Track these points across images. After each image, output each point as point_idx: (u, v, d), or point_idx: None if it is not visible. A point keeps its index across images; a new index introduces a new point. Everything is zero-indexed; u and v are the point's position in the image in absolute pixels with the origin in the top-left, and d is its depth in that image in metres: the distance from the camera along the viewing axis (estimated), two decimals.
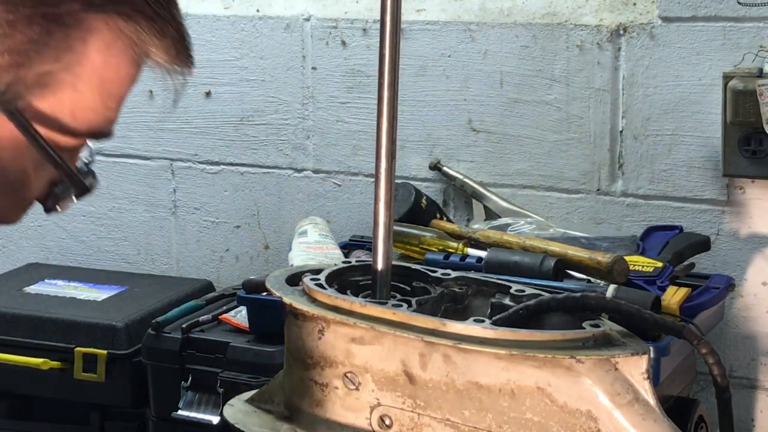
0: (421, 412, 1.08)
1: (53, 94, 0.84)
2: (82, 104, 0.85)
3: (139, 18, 0.85)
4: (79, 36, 0.83)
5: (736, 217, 2.19)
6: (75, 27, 0.82)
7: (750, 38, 2.11)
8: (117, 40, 0.85)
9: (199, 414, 2.09)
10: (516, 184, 2.36)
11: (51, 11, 0.81)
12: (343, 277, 1.19)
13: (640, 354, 1.03)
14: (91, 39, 0.83)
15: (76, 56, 0.83)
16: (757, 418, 2.23)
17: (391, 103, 1.13)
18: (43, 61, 0.82)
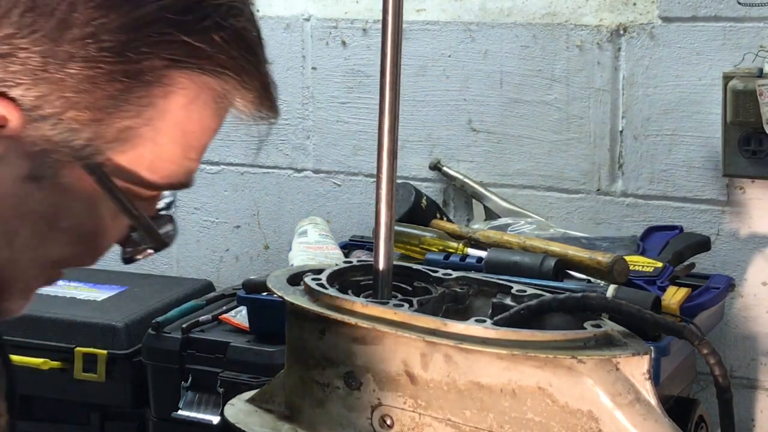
0: (422, 412, 1.08)
1: (133, 148, 0.84)
2: (162, 157, 0.85)
3: (223, 74, 0.84)
4: (161, 92, 0.83)
5: (736, 217, 2.19)
6: (156, 83, 0.82)
7: (750, 38, 2.11)
8: (200, 94, 0.85)
9: (199, 414, 2.09)
10: (516, 184, 2.36)
11: (132, 68, 0.81)
12: (344, 277, 1.19)
13: (642, 354, 1.03)
14: (174, 94, 0.83)
15: (157, 111, 0.83)
16: (757, 418, 2.23)
17: (393, 103, 1.13)
18: (123, 117, 0.82)
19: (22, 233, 0.85)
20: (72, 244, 0.87)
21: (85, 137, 0.81)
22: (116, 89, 0.80)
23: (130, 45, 0.80)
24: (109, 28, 0.79)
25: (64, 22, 0.78)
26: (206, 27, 0.82)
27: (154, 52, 0.81)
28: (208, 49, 0.83)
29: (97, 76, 0.80)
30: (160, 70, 0.82)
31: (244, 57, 0.85)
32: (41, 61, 0.79)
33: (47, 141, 0.81)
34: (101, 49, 0.79)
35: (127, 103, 0.81)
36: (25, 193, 0.83)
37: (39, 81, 0.79)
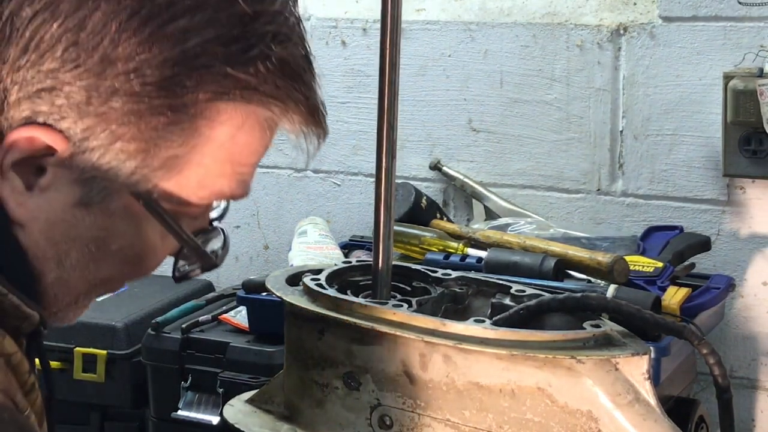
0: (421, 412, 1.08)
1: (180, 173, 0.85)
2: (210, 175, 0.86)
3: (269, 103, 0.85)
4: (206, 122, 0.83)
5: (736, 217, 2.18)
6: (201, 116, 0.83)
7: (750, 38, 2.11)
8: (247, 120, 0.85)
9: (198, 414, 2.09)
10: (516, 184, 2.36)
11: (177, 102, 0.82)
12: (343, 277, 1.19)
13: (641, 354, 1.03)
14: (219, 124, 0.84)
15: (202, 139, 0.84)
16: (757, 419, 2.23)
17: (392, 103, 1.12)
18: (169, 147, 0.83)
19: (72, 255, 0.87)
20: (121, 264, 0.89)
21: (132, 166, 0.83)
22: (161, 122, 0.82)
23: (174, 79, 0.81)
24: (153, 63, 0.80)
25: (107, 57, 0.80)
26: (251, 57, 0.83)
27: (199, 86, 0.82)
28: (253, 81, 0.83)
29: (141, 110, 0.81)
30: (204, 102, 0.82)
31: (290, 85, 0.85)
32: (85, 96, 0.80)
33: (95, 169, 0.82)
34: (145, 84, 0.80)
35: (172, 134, 0.83)
36: (75, 218, 0.85)
37: (84, 114, 0.81)
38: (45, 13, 0.80)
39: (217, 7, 0.82)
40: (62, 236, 0.86)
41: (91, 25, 0.79)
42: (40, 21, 0.80)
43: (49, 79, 0.80)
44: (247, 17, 0.83)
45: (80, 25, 0.79)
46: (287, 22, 0.86)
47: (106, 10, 0.79)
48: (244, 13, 0.82)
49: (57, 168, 0.83)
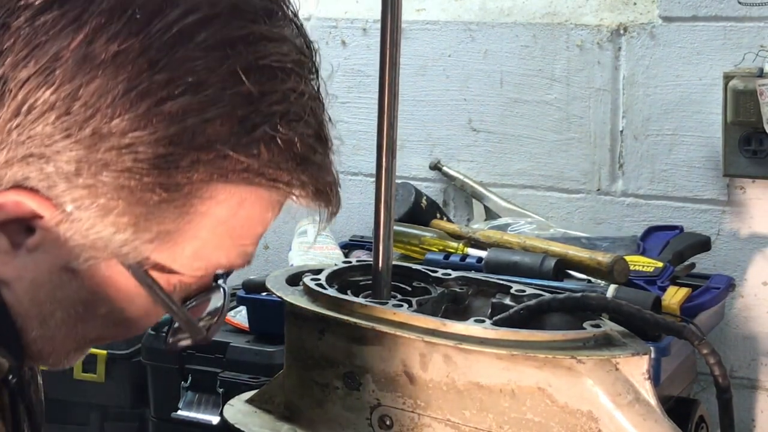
0: (421, 412, 1.08)
1: (174, 246, 0.81)
2: (207, 247, 0.82)
3: (272, 186, 0.81)
4: (202, 200, 0.79)
5: (736, 217, 2.18)
6: (197, 195, 0.79)
7: (750, 38, 2.11)
8: (248, 198, 0.81)
9: (198, 414, 2.09)
10: (516, 184, 2.36)
11: (171, 181, 0.78)
12: (343, 277, 1.19)
13: (641, 354, 1.02)
14: (216, 202, 0.80)
15: (197, 216, 0.80)
16: (757, 419, 2.23)
17: (392, 103, 1.12)
18: (162, 223, 0.79)
19: (57, 315, 0.84)
20: (111, 326, 0.87)
21: (122, 239, 0.79)
22: (153, 199, 0.78)
23: (168, 158, 0.77)
24: (147, 141, 0.76)
25: (100, 130, 0.76)
26: (255, 139, 0.78)
27: (195, 167, 0.77)
28: (254, 164, 0.79)
29: (132, 186, 0.77)
30: (200, 183, 0.78)
31: (295, 168, 0.80)
32: (75, 167, 0.77)
33: (84, 238, 0.79)
34: (137, 160, 0.76)
35: (165, 211, 0.79)
36: (62, 281, 0.82)
37: (73, 185, 0.77)
38: (39, 78, 0.76)
39: (222, 85, 0.77)
40: (47, 297, 0.83)
41: (85, 95, 0.76)
42: (34, 85, 0.76)
43: (39, 146, 0.76)
44: (254, 96, 0.78)
45: (74, 95, 0.76)
46: (300, 99, 0.80)
47: (102, 81, 0.75)
48: (249, 92, 0.78)
49: (45, 231, 0.80)
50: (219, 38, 0.78)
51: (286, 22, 0.82)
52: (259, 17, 0.80)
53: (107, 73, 0.76)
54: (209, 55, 0.77)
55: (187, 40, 0.77)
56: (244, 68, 0.77)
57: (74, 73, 0.76)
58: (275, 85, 0.79)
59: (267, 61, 0.79)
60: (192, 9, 0.77)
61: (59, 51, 0.76)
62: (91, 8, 0.76)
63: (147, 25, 0.76)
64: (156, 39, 0.76)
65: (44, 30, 0.76)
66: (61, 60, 0.76)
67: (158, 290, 0.83)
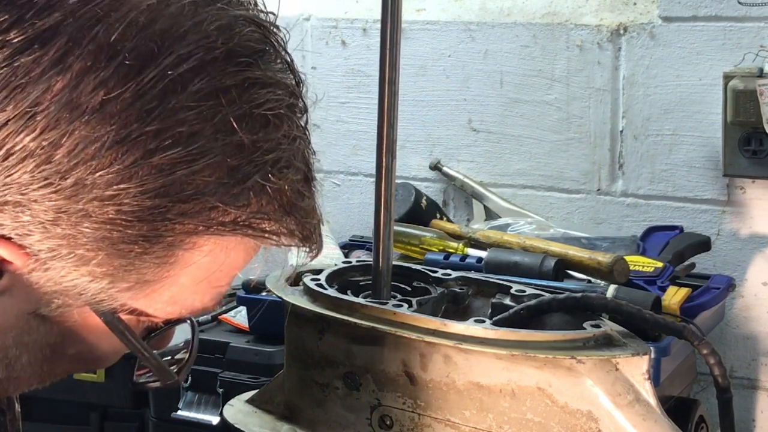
0: (421, 412, 1.08)
1: (150, 293, 0.78)
2: (183, 293, 0.79)
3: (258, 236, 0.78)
4: (185, 252, 0.77)
5: (736, 217, 2.18)
6: (180, 246, 0.76)
7: (750, 38, 2.11)
8: (232, 247, 0.78)
9: (198, 414, 2.09)
10: (516, 184, 2.36)
11: (154, 234, 0.74)
12: (343, 277, 1.19)
13: (641, 354, 1.02)
14: (199, 252, 0.77)
15: (178, 265, 0.77)
16: (757, 419, 2.23)
17: (392, 103, 1.12)
18: (142, 273, 0.76)
19: (23, 359, 0.81)
20: (77, 364, 0.85)
21: (97, 288, 0.76)
22: (134, 251, 0.74)
23: (154, 210, 0.73)
24: (133, 193, 0.72)
25: (82, 181, 0.72)
26: (245, 190, 0.75)
27: (181, 218, 0.74)
28: (242, 216, 0.76)
29: (113, 237, 0.73)
30: (186, 234, 0.75)
31: (284, 217, 0.78)
32: (53, 216, 0.73)
33: (57, 285, 0.76)
34: (121, 212, 0.73)
35: (145, 262, 0.75)
36: (29, 326, 0.79)
37: (50, 235, 0.73)
38: (19, 122, 0.71)
39: (214, 137, 0.73)
40: (13, 341, 0.79)
41: (68, 144, 0.71)
42: (13, 130, 0.71)
43: (16, 193, 0.72)
44: (246, 146, 0.75)
45: (56, 143, 0.71)
46: (291, 145, 0.78)
47: (88, 131, 0.71)
48: (242, 142, 0.74)
49: (15, 277, 0.76)
50: (213, 87, 0.74)
51: (277, 59, 0.79)
52: (253, 60, 0.76)
53: (94, 121, 0.71)
54: (202, 104, 0.73)
55: (180, 90, 0.73)
56: (237, 118, 0.74)
57: (57, 119, 0.71)
58: (268, 134, 0.76)
59: (261, 110, 0.76)
60: (186, 56, 0.73)
61: (41, 95, 0.71)
62: (76, 51, 0.71)
63: (139, 73, 0.72)
64: (149, 88, 0.72)
65: (24, 71, 0.71)
66: (43, 105, 0.71)
67: (130, 336, 0.81)
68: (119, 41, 0.72)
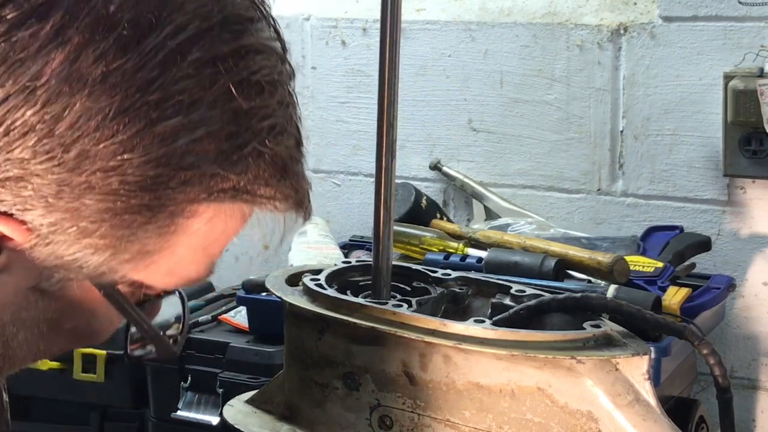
0: (421, 412, 1.08)
1: (150, 265, 0.79)
2: (181, 263, 0.80)
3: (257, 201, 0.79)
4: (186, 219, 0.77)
5: (736, 217, 2.18)
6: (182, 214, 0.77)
7: (751, 38, 2.11)
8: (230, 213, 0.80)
9: (198, 414, 2.09)
10: (516, 184, 2.36)
11: (157, 203, 0.75)
12: (343, 277, 1.19)
13: (641, 354, 1.02)
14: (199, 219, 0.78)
15: (178, 234, 0.78)
16: (757, 419, 2.23)
17: (392, 103, 1.12)
18: (143, 243, 0.77)
19: (19, 336, 0.81)
20: (73, 340, 0.85)
21: (99, 260, 0.76)
22: (137, 221, 0.75)
23: (157, 180, 0.74)
24: (135, 163, 0.73)
25: (85, 153, 0.72)
26: (244, 156, 0.76)
27: (183, 187, 0.75)
28: (242, 181, 0.77)
29: (117, 208, 0.74)
30: (187, 202, 0.76)
31: (280, 182, 0.79)
32: (56, 189, 0.73)
33: (57, 260, 0.76)
34: (124, 183, 0.73)
35: (148, 231, 0.76)
36: (28, 301, 0.79)
37: (52, 209, 0.73)
38: (19, 98, 0.71)
39: (213, 104, 0.75)
40: (11, 318, 0.80)
41: (70, 117, 0.72)
42: (13, 105, 0.71)
43: (17, 168, 0.72)
44: (242, 112, 0.76)
45: (58, 115, 0.71)
46: (285, 111, 0.79)
47: (90, 102, 0.72)
48: (240, 109, 0.76)
49: (15, 254, 0.76)
50: (211, 55, 0.75)
51: (266, 25, 0.80)
52: (246, 27, 0.77)
53: (96, 93, 0.72)
54: (201, 72, 0.74)
55: (180, 59, 0.73)
56: (235, 85, 0.75)
57: (58, 93, 0.72)
58: (264, 100, 0.77)
59: (257, 76, 0.77)
60: (184, 25, 0.74)
61: (40, 69, 0.71)
62: (74, 24, 0.72)
63: (138, 43, 0.72)
64: (149, 58, 0.73)
65: (22, 46, 0.71)
66: (43, 79, 0.71)
67: (130, 308, 0.81)
68: (117, 13, 0.72)
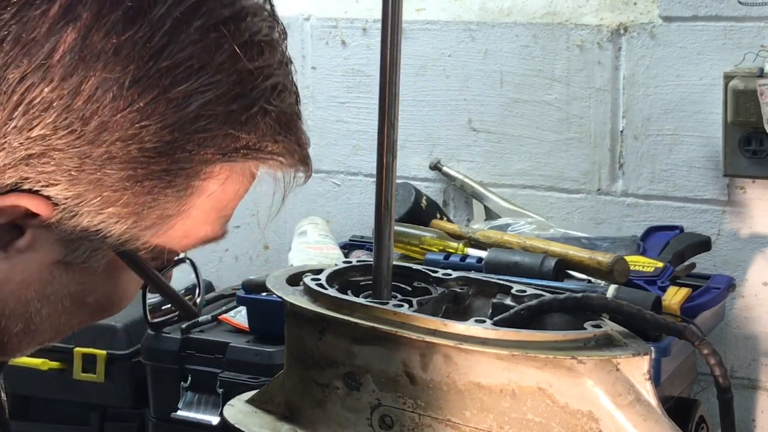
0: (422, 412, 1.08)
1: (169, 229, 0.81)
2: (196, 224, 0.83)
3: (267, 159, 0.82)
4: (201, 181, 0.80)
5: (736, 217, 2.18)
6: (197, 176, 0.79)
7: (751, 38, 2.11)
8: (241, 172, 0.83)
9: (198, 414, 2.09)
10: (516, 184, 2.36)
11: (175, 167, 0.78)
12: (343, 277, 1.19)
13: (642, 354, 1.02)
14: (213, 180, 0.81)
15: (195, 195, 0.80)
16: (758, 419, 2.23)
17: (392, 103, 1.12)
18: (163, 208, 0.79)
19: (43, 312, 0.83)
20: (94, 313, 0.86)
21: (122, 228, 0.79)
22: (157, 186, 0.78)
23: (173, 144, 0.77)
24: (153, 130, 0.76)
25: (104, 124, 0.75)
26: (252, 115, 0.80)
27: (199, 149, 0.78)
28: (253, 140, 0.80)
29: (137, 175, 0.77)
30: (203, 164, 0.79)
31: (286, 138, 0.83)
32: (78, 162, 0.75)
33: (82, 232, 0.78)
34: (143, 150, 0.76)
35: (167, 196, 0.79)
36: (52, 276, 0.81)
37: (75, 181, 0.76)
38: (35, 76, 0.74)
39: (220, 67, 0.78)
40: (36, 295, 0.82)
41: (87, 90, 0.74)
42: (29, 84, 0.74)
43: (38, 146, 0.75)
44: (248, 73, 0.79)
45: (75, 90, 0.74)
46: (285, 69, 0.83)
47: (106, 74, 0.74)
48: (246, 70, 0.79)
49: (38, 230, 0.78)
50: (215, 19, 0.77)
51: None
52: None
53: (110, 65, 0.74)
54: (207, 37, 0.77)
55: (186, 25, 0.76)
56: (240, 47, 0.78)
57: (73, 68, 0.74)
58: (265, 60, 0.80)
59: (258, 37, 0.80)
60: None
61: (54, 46, 0.74)
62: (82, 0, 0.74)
63: (146, 14, 0.75)
64: (158, 28, 0.75)
65: (33, 26, 0.74)
66: (57, 55, 0.74)
67: (153, 275, 0.84)
68: None
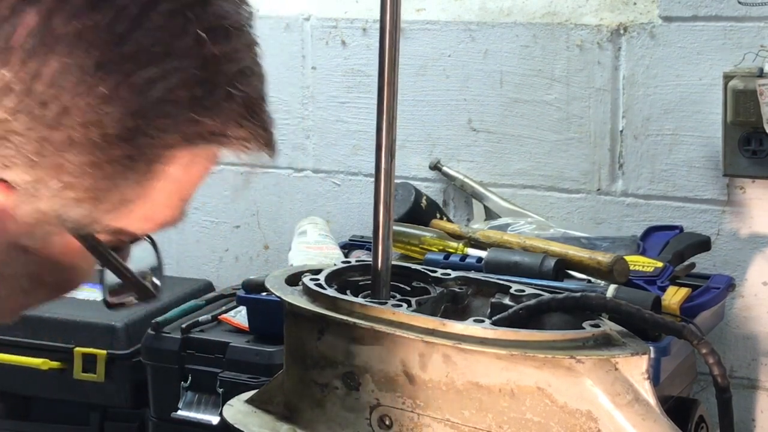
0: (420, 412, 1.08)
1: (129, 213, 0.80)
2: (157, 208, 0.82)
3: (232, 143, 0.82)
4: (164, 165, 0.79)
5: (736, 217, 2.18)
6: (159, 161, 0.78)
7: (751, 38, 2.11)
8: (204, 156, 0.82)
9: (198, 414, 2.09)
10: (516, 184, 2.36)
11: (137, 152, 0.76)
12: (342, 277, 1.19)
13: (641, 354, 1.02)
14: (176, 164, 0.80)
15: (155, 181, 0.79)
16: (757, 419, 2.23)
17: (391, 103, 1.12)
18: (123, 192, 0.78)
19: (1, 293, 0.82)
20: (52, 291, 0.86)
21: (81, 213, 0.77)
22: (118, 171, 0.76)
23: (136, 130, 0.75)
24: (115, 116, 0.74)
25: (65, 109, 0.73)
26: (217, 100, 0.78)
27: (161, 135, 0.76)
28: (218, 125, 0.79)
29: (98, 161, 0.75)
30: (165, 149, 0.78)
31: (252, 122, 0.82)
32: (37, 147, 0.74)
33: (41, 214, 0.77)
34: (104, 135, 0.74)
35: (128, 180, 0.77)
36: (10, 259, 0.80)
37: (34, 166, 0.74)
38: None
39: (185, 52, 0.76)
40: None
41: (48, 74, 0.73)
42: None
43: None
44: (213, 58, 0.77)
45: (36, 73, 0.73)
46: (251, 53, 0.82)
47: (67, 59, 0.73)
48: (210, 54, 0.77)
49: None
50: (179, 4, 0.76)
51: None
52: None
53: (72, 50, 0.73)
54: (172, 22, 0.76)
55: (151, 10, 0.75)
56: (205, 31, 0.77)
57: (34, 51, 0.73)
58: (231, 44, 0.79)
59: (224, 21, 0.79)
60: None
61: (14, 29, 0.72)
62: None
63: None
64: (122, 12, 0.74)
65: None
66: (18, 38, 0.72)
67: (111, 257, 0.83)
68: None
